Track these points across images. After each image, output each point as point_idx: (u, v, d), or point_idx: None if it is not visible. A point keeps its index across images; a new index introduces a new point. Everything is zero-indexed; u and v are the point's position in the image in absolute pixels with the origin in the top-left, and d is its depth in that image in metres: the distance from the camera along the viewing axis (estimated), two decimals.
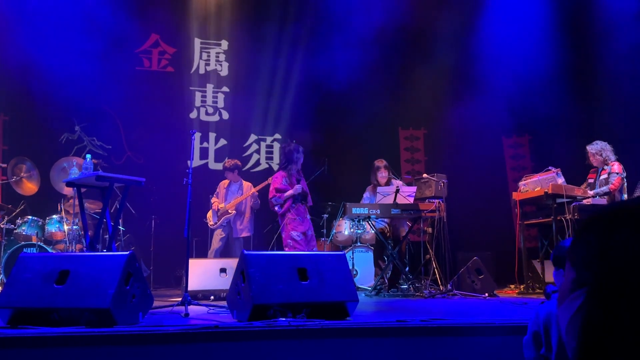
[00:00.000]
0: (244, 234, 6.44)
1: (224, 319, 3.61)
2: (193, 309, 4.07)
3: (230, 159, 6.90)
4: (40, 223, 6.15)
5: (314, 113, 8.47)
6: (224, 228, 6.38)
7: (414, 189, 5.83)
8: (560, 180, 5.67)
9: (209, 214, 6.41)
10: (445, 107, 8.65)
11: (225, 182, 6.53)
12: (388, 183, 5.98)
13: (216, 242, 6.28)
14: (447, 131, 8.65)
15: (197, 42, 8.53)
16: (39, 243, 5.90)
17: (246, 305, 3.33)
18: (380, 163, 6.03)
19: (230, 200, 6.40)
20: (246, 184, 6.59)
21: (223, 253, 6.31)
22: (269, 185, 5.86)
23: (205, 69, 8.55)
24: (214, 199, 6.44)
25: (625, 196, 5.62)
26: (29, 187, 6.34)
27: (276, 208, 5.46)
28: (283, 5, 8.58)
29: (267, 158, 8.61)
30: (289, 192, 5.40)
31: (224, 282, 4.94)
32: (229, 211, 6.36)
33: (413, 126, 9.25)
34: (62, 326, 2.95)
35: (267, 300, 3.27)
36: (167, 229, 7.08)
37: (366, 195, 6.03)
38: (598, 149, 5.74)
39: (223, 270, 5.16)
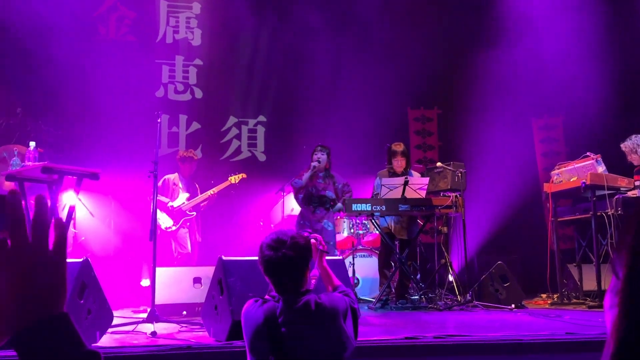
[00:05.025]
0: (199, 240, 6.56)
1: (198, 338, 3.60)
2: (161, 326, 4.06)
3: (186, 149, 6.95)
4: None
5: (304, 90, 8.43)
6: (187, 228, 6.43)
7: (425, 180, 5.82)
8: (601, 168, 5.67)
9: (162, 216, 6.35)
10: (462, 82, 8.64)
11: (172, 177, 6.55)
12: (405, 173, 5.96)
13: (181, 248, 6.30)
14: (465, 111, 8.64)
15: (163, 5, 8.46)
16: None
17: (225, 321, 3.32)
18: (398, 148, 6.03)
19: (183, 199, 6.42)
20: (196, 183, 6.68)
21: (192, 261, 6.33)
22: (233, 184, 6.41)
23: (174, 37, 8.49)
24: (161, 198, 6.34)
25: None
26: None
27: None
28: None
29: (249, 145, 8.58)
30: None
31: (199, 294, 4.92)
32: (188, 212, 6.39)
33: (424, 105, 9.23)
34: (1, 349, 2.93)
35: None
36: (130, 231, 7.05)
37: (377, 182, 6.02)
38: (632, 146, 5.67)
39: (197, 279, 5.15)
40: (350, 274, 6.16)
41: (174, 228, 6.37)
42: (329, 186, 6.09)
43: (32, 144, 4.39)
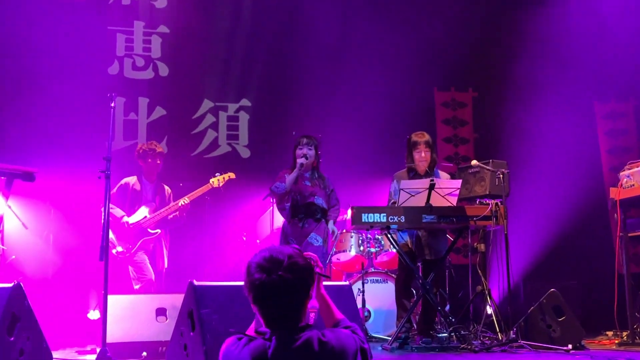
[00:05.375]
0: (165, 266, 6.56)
1: None
2: None
3: (148, 141, 6.88)
4: None
5: (300, 67, 8.42)
6: (148, 253, 6.41)
7: (457, 183, 5.82)
8: None
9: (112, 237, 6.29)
10: (505, 57, 8.62)
11: (131, 181, 6.55)
12: (430, 173, 5.94)
13: (141, 276, 6.30)
14: (508, 94, 8.64)
15: None
16: None
17: None
18: (420, 137, 5.97)
19: (145, 212, 6.41)
20: (166, 188, 6.66)
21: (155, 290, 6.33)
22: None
23: None
24: (115, 210, 6.30)
25: None
26: None
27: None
28: None
29: (229, 137, 8.58)
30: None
31: (163, 330, 4.91)
32: (150, 230, 6.38)
33: (456, 86, 9.22)
34: None
35: None
36: (74, 248, 7.03)
37: (394, 186, 6.00)
38: None
39: (161, 311, 5.14)
40: (358, 304, 6.15)
41: (127, 253, 6.32)
42: (318, 190, 5.96)
43: None
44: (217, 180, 6.53)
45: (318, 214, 5.89)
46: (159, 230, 6.41)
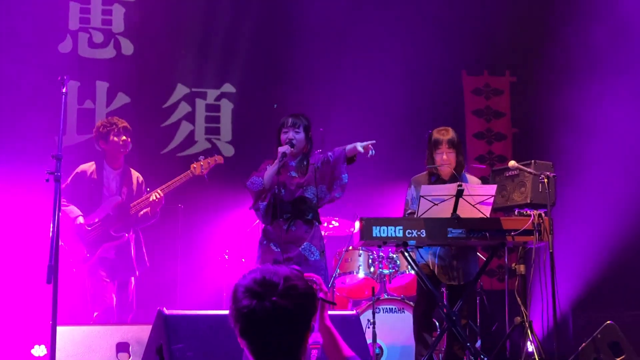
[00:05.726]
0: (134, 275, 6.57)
1: None
2: None
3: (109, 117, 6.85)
4: None
5: (297, 44, 8.43)
6: (108, 263, 6.41)
7: (491, 189, 5.84)
8: None
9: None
10: (551, 32, 8.63)
11: (89, 169, 6.54)
12: (456, 178, 5.94)
13: (99, 300, 6.30)
14: (554, 78, 8.63)
15: None
16: None
17: None
18: (443, 135, 5.95)
19: (107, 210, 6.43)
20: (136, 176, 6.64)
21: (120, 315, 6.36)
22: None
23: None
24: (68, 207, 6.32)
25: None
26: None
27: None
28: None
29: (208, 131, 8.60)
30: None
31: None
32: (113, 234, 6.40)
33: (490, 69, 9.23)
34: None
35: None
36: (15, 268, 7.05)
37: (412, 192, 6.00)
38: None
39: (123, 346, 5.17)
40: (368, 338, 6.16)
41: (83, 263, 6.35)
42: (308, 180, 5.55)
43: None
44: (199, 166, 6.42)
45: (309, 213, 5.51)
46: (125, 234, 6.41)
